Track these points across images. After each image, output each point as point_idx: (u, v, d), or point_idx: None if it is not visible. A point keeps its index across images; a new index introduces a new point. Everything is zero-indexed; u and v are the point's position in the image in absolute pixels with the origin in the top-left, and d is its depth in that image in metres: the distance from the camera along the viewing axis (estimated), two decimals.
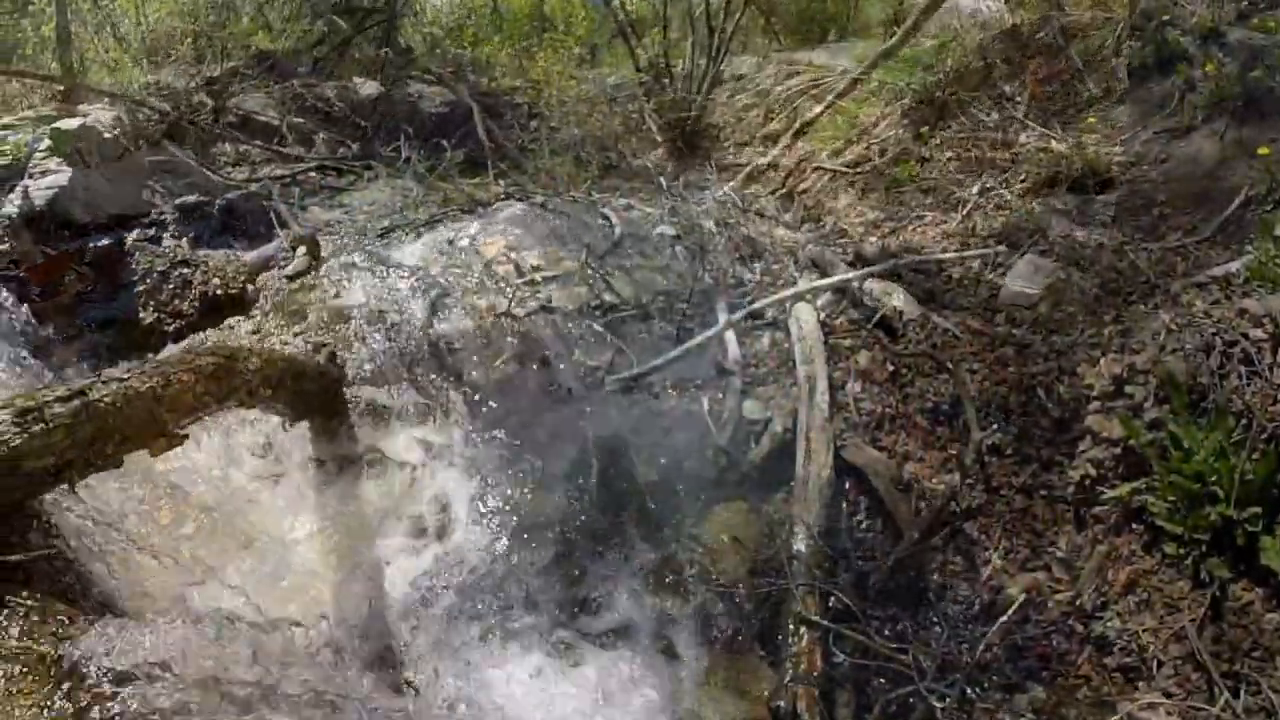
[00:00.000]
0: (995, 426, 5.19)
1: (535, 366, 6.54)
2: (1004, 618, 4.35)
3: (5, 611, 2.71)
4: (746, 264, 7.96)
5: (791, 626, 4.50)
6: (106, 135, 8.20)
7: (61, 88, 10.56)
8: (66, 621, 2.75)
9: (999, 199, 7.33)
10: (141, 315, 7.75)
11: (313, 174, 10.88)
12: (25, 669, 2.46)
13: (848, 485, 5.26)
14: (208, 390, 4.02)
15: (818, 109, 11.05)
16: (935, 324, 5.95)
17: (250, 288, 8.06)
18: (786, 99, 12.96)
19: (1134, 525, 4.40)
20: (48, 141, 8.16)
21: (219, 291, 7.84)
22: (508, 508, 5.42)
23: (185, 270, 7.94)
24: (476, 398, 6.28)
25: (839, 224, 8.81)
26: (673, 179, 10.94)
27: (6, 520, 3.13)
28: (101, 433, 3.30)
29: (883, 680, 4.41)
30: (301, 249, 8.52)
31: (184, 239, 8.69)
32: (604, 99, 14.00)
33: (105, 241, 8.07)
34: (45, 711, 2.36)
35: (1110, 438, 4.64)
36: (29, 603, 2.77)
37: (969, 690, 4.27)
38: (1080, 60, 8.26)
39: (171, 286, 7.85)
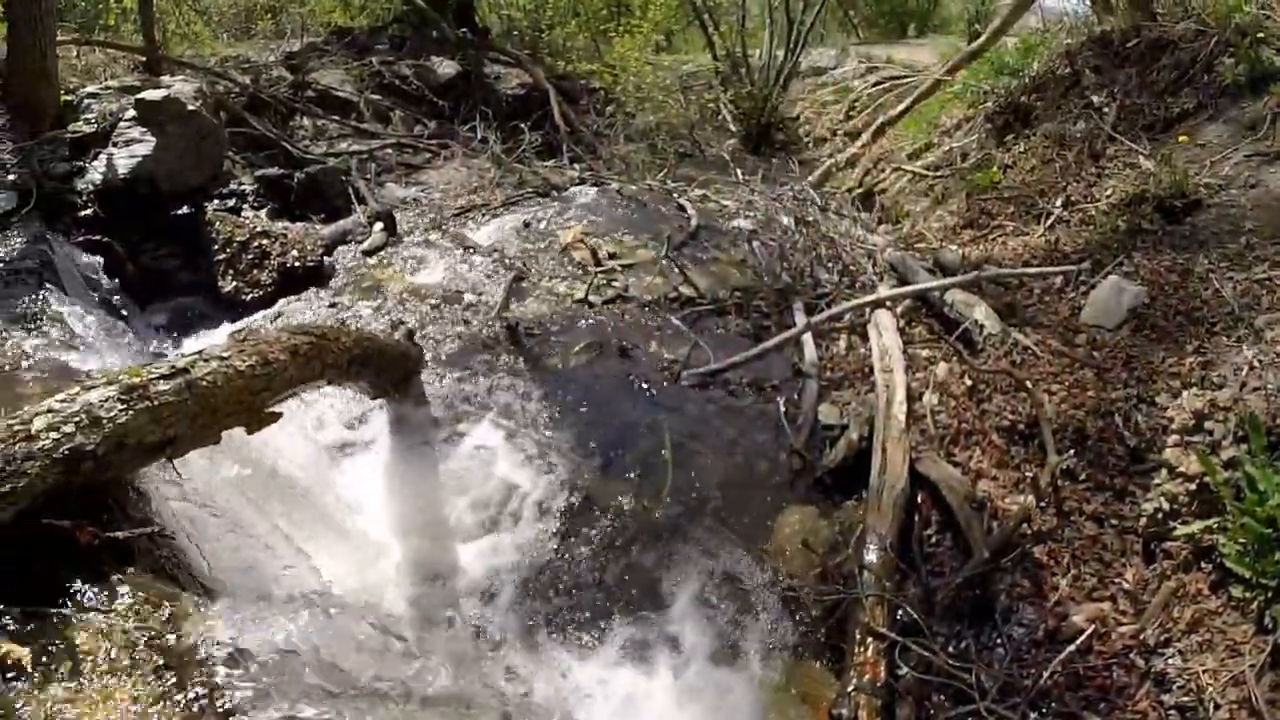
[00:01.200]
0: (1071, 451, 5.11)
1: (613, 356, 6.56)
2: (1071, 646, 4.31)
3: (110, 588, 2.75)
4: (824, 264, 7.94)
5: (858, 636, 4.47)
6: (190, 107, 8.28)
7: (144, 59, 10.67)
8: (172, 600, 2.79)
9: (1083, 213, 7.19)
10: (221, 284, 7.89)
11: (389, 151, 10.95)
12: (133, 647, 2.51)
13: (920, 498, 5.21)
14: (302, 369, 4.09)
15: (899, 108, 10.92)
16: (1016, 341, 5.90)
17: (327, 261, 8.15)
18: (868, 96, 12.85)
19: (1203, 564, 4.33)
20: (132, 111, 8.26)
21: (297, 264, 7.97)
22: (580, 496, 5.46)
23: (264, 241, 8.06)
24: (553, 383, 6.32)
25: (917, 228, 8.74)
26: (750, 172, 10.88)
27: (108, 494, 3.20)
28: (203, 410, 3.37)
29: (943, 697, 4.38)
30: (378, 225, 8.63)
31: (263, 210, 8.79)
32: (679, 87, 13.96)
33: (185, 210, 8.17)
34: (155, 691, 2.40)
35: (1187, 473, 4.55)
36: (134, 580, 2.81)
37: (1030, 714, 4.23)
38: (1171, 74, 8.09)
39: (251, 257, 7.99)
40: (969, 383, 5.78)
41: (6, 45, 8.33)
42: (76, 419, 2.94)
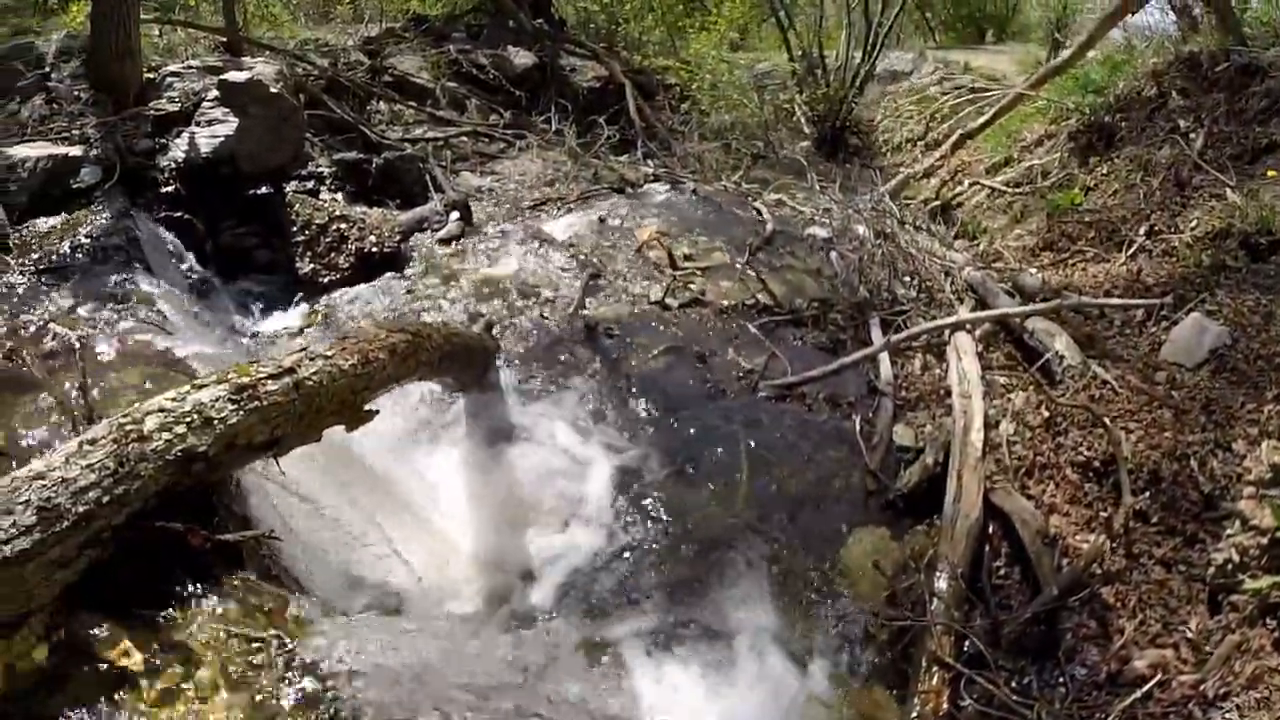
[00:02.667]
0: (1147, 493, 5.03)
1: (690, 361, 6.59)
2: (1137, 693, 4.26)
3: (222, 592, 2.78)
4: (900, 278, 7.90)
5: (924, 664, 4.48)
6: (272, 89, 8.37)
7: (224, 39, 10.77)
8: (281, 605, 2.82)
9: (1166, 244, 7.05)
10: (299, 265, 7.98)
11: (464, 139, 10.99)
12: (246, 654, 2.54)
13: (991, 529, 5.18)
14: (398, 367, 4.19)
15: (979, 121, 10.78)
16: (1095, 374, 5.81)
17: (404, 247, 8.21)
18: (950, 107, 12.71)
19: (1268, 620, 4.25)
20: (215, 92, 8.36)
21: (374, 249, 8.05)
22: (655, 500, 5.49)
23: (343, 225, 8.14)
24: (630, 385, 6.37)
25: (994, 245, 8.66)
26: (825, 177, 10.83)
27: (214, 494, 3.24)
28: (309, 410, 3.43)
29: None
30: (455, 214, 8.68)
31: (340, 193, 8.87)
32: (754, 86, 13.90)
33: (264, 190, 8.25)
34: (267, 700, 2.44)
35: (1259, 526, 4.48)
36: (244, 583, 2.84)
37: None
38: (1261, 102, 7.92)
39: (329, 240, 8.08)
40: (1046, 414, 5.70)
41: (91, 23, 8.46)
42: (188, 419, 2.98)
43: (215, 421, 3.03)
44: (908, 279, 7.89)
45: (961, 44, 17.97)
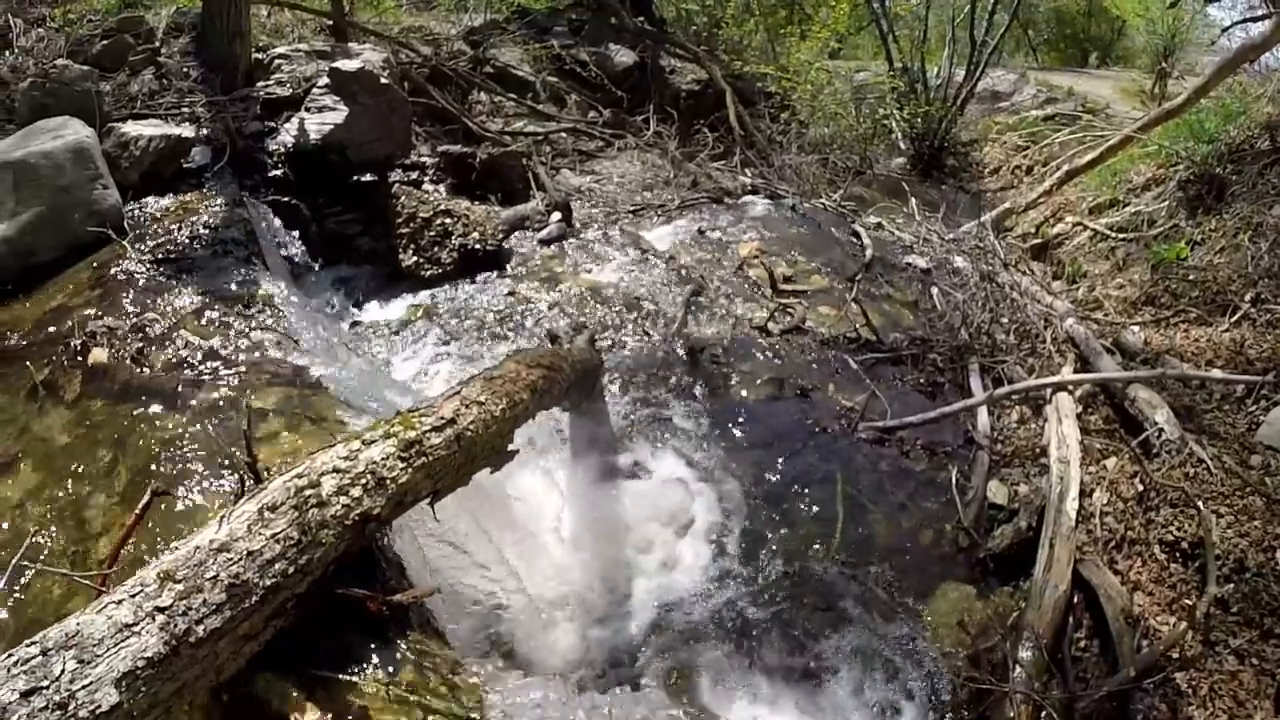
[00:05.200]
0: (1230, 583, 5.03)
1: (792, 395, 6.66)
2: None
3: (394, 653, 2.83)
4: (999, 320, 7.86)
5: None
6: (383, 79, 8.48)
7: (331, 22, 10.87)
8: (452, 666, 2.88)
9: (1271, 315, 6.98)
10: (401, 256, 8.08)
11: (564, 135, 11.04)
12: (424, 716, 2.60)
13: (1076, 599, 5.19)
14: (536, 404, 4.31)
15: (1085, 159, 10.64)
16: (1192, 452, 5.75)
17: (505, 246, 8.28)
18: (1060, 144, 12.55)
19: None
20: (326, 79, 8.47)
21: (478, 246, 8.13)
22: (751, 537, 5.58)
23: (447, 220, 8.22)
24: (731, 415, 6.44)
25: (1094, 292, 8.57)
26: (923, 200, 10.78)
27: (374, 550, 3.30)
28: (466, 459, 3.52)
29: None
30: (556, 215, 8.76)
31: (442, 185, 8.97)
32: (853, 98, 13.81)
33: (369, 178, 8.36)
34: None
35: None
36: (414, 644, 2.90)
37: None
38: None
39: (433, 234, 8.18)
40: (1140, 487, 5.69)
41: (203, 1, 8.59)
42: (363, 480, 3.04)
43: (388, 481, 3.10)
44: (1006, 320, 7.85)
45: (1063, 65, 17.75)
